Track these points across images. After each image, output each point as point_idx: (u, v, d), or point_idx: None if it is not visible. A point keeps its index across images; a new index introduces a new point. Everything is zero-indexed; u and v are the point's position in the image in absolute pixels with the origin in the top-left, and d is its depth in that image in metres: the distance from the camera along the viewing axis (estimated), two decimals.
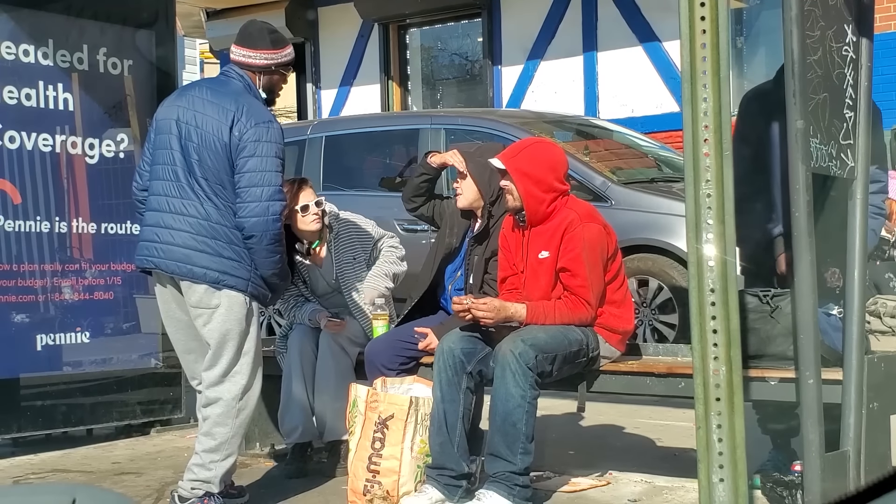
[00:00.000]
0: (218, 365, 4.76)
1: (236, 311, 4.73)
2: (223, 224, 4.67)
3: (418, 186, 5.51)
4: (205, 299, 4.70)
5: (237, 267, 4.69)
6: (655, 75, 11.89)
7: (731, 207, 2.74)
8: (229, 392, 4.77)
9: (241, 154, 4.64)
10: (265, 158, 4.64)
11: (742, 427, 2.74)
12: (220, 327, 4.72)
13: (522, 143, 5.06)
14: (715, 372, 2.74)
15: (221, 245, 4.67)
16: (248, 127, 4.65)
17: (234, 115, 4.67)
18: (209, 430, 4.79)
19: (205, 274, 4.67)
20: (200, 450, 4.79)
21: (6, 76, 6.28)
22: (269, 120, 4.72)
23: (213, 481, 4.75)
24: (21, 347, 6.34)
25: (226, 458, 4.78)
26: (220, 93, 4.80)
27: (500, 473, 4.58)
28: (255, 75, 4.87)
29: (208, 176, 4.68)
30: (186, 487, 4.78)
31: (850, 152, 4.22)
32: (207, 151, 4.68)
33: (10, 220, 6.29)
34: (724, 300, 2.73)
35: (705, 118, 2.73)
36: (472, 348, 4.80)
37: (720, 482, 2.73)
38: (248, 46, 4.88)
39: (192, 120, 4.74)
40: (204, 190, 4.68)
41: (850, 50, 4.27)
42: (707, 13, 2.73)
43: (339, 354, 5.54)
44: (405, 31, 14.08)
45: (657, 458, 5.85)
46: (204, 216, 4.67)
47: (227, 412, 4.76)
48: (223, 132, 4.67)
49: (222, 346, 4.74)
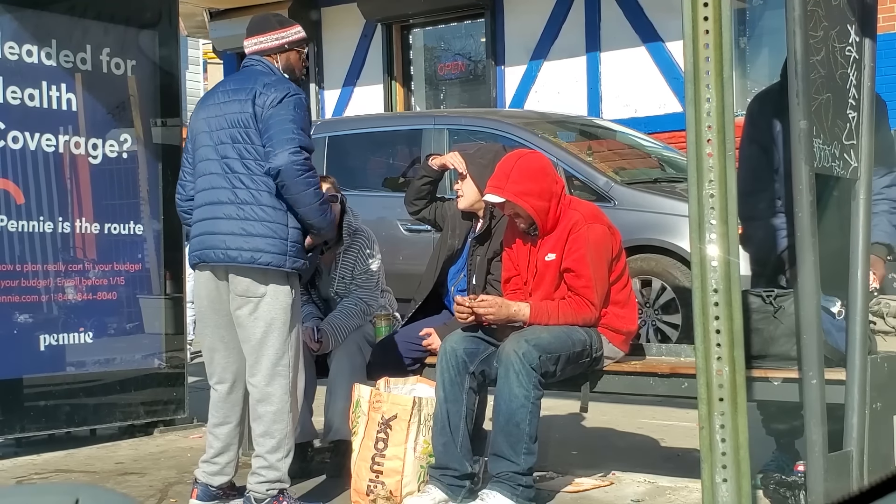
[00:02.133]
0: (264, 357, 4.72)
1: (282, 299, 4.71)
2: (252, 203, 4.67)
3: (419, 189, 5.52)
4: (251, 288, 4.69)
5: (271, 243, 4.65)
6: (658, 75, 11.89)
7: (734, 208, 2.74)
8: (281, 387, 4.74)
9: (265, 118, 4.67)
10: (283, 114, 4.65)
11: (745, 427, 2.74)
12: (267, 315, 4.69)
13: (505, 167, 4.90)
14: (718, 372, 2.74)
15: (251, 224, 4.66)
16: (268, 95, 4.69)
17: (255, 91, 4.72)
18: (267, 429, 4.74)
19: (240, 255, 4.66)
20: (263, 451, 4.74)
21: (9, 76, 6.28)
22: (289, 87, 4.75)
23: (283, 479, 4.76)
24: (24, 347, 6.33)
25: (288, 454, 4.77)
26: (241, 79, 4.89)
27: (503, 474, 4.58)
28: (272, 58, 4.92)
29: (243, 154, 4.71)
30: (261, 490, 4.74)
31: (854, 152, 4.22)
32: (236, 131, 4.72)
33: (14, 221, 6.29)
34: (727, 300, 2.73)
35: (708, 118, 2.73)
36: (475, 348, 4.80)
37: (723, 482, 2.73)
38: (257, 34, 4.94)
39: (221, 124, 4.78)
40: (236, 172, 4.70)
41: (854, 50, 4.26)
42: (710, 13, 2.73)
43: (355, 354, 5.57)
44: (408, 31, 14.08)
45: (660, 458, 5.85)
46: (233, 200, 4.69)
47: (282, 408, 4.74)
48: (247, 112, 4.71)
49: (267, 337, 4.70)
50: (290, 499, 4.79)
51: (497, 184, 4.84)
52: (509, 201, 4.80)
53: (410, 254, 8.25)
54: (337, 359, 5.59)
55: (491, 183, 4.88)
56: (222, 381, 4.93)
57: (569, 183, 7.68)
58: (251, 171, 4.69)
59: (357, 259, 5.75)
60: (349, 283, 5.75)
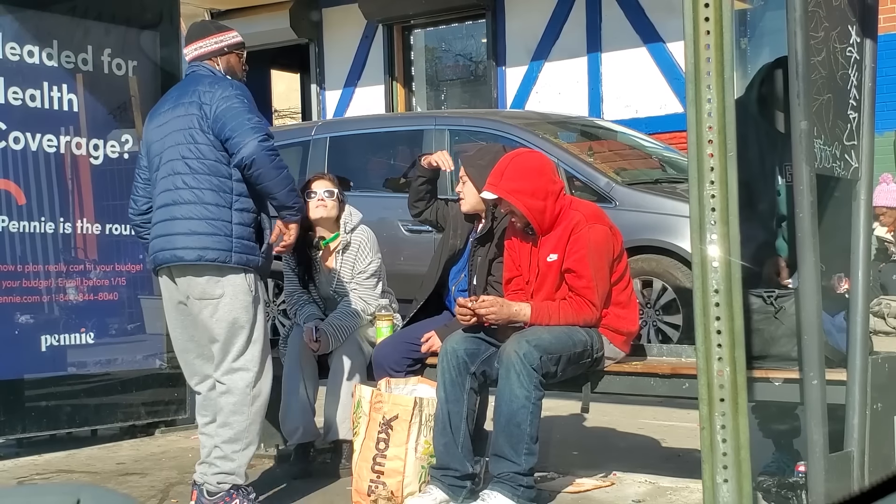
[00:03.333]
0: (229, 355, 4.76)
1: (241, 298, 4.73)
2: (195, 202, 4.69)
3: (418, 190, 5.55)
4: (208, 290, 4.71)
5: (216, 241, 4.67)
6: (659, 76, 11.90)
7: (735, 208, 2.74)
8: (242, 380, 4.77)
9: (217, 115, 4.70)
10: (232, 104, 4.69)
11: (746, 428, 2.74)
12: (228, 316, 4.72)
13: (501, 165, 4.92)
14: (719, 373, 2.74)
15: (197, 223, 4.68)
16: (214, 92, 4.73)
17: (198, 92, 4.77)
18: (226, 420, 4.78)
19: (185, 252, 4.69)
20: (220, 441, 4.78)
21: (11, 77, 6.28)
22: (232, 82, 4.81)
23: (237, 472, 4.76)
24: (25, 348, 6.34)
25: (247, 448, 4.78)
26: (184, 85, 4.96)
27: (504, 474, 4.58)
28: (213, 62, 4.96)
29: (191, 164, 4.72)
30: (213, 482, 4.77)
31: (854, 153, 4.22)
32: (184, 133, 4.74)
33: (15, 221, 6.29)
34: (728, 301, 2.73)
35: (709, 119, 2.73)
36: (476, 349, 4.81)
37: (724, 483, 2.73)
38: (196, 40, 5.00)
39: (167, 131, 4.82)
40: (185, 180, 4.72)
41: (854, 51, 4.26)
42: (711, 14, 2.73)
43: (356, 354, 5.57)
44: (409, 31, 14.08)
45: (661, 458, 5.85)
46: (179, 201, 4.72)
47: (242, 400, 4.76)
48: (192, 114, 4.74)
49: (232, 336, 4.74)
50: (246, 498, 4.79)
51: (492, 181, 4.85)
52: (503, 200, 4.81)
53: (411, 254, 8.24)
54: (337, 359, 5.59)
55: (489, 181, 4.89)
56: (202, 380, 4.96)
57: (570, 184, 7.68)
58: (193, 170, 4.72)
59: (357, 258, 5.75)
60: (348, 283, 5.76)
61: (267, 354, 4.89)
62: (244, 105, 4.70)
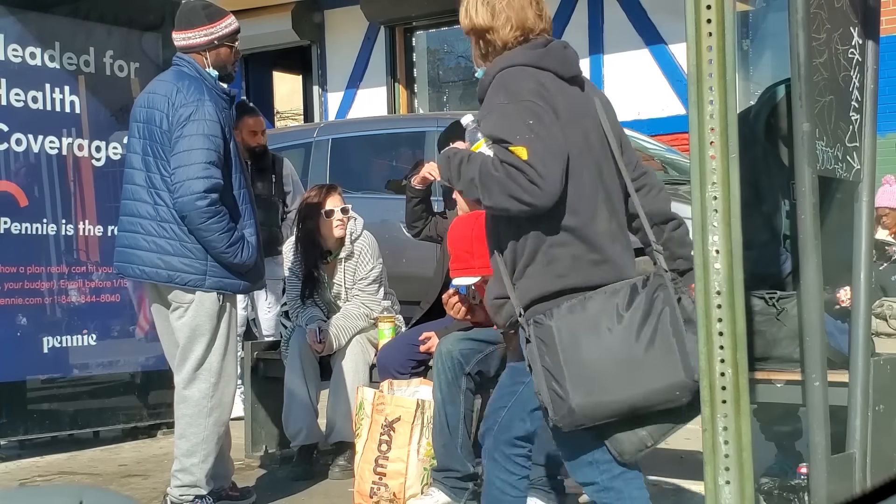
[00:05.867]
0: (188, 361, 4.71)
1: (207, 306, 4.67)
2: (170, 221, 4.62)
3: (414, 211, 5.56)
4: (178, 295, 4.68)
5: (188, 262, 4.61)
6: (661, 78, 11.88)
7: (738, 210, 2.73)
8: (199, 391, 4.71)
9: (174, 136, 4.59)
10: (191, 137, 4.55)
11: (749, 429, 2.73)
12: (191, 322, 4.67)
13: (461, 241, 4.45)
14: (721, 374, 2.73)
15: (169, 242, 4.62)
16: (179, 108, 4.59)
17: (169, 100, 4.63)
18: (182, 431, 4.74)
19: (157, 273, 4.65)
20: (178, 454, 4.74)
21: (13, 78, 6.29)
22: (199, 98, 4.60)
23: (198, 484, 4.72)
24: (27, 349, 6.34)
25: (205, 459, 4.71)
26: (165, 81, 4.77)
27: (538, 479, 4.52)
28: (201, 55, 4.78)
29: (162, 170, 4.64)
30: (175, 494, 4.75)
31: (857, 155, 4.21)
32: (157, 145, 4.66)
33: (17, 223, 6.29)
34: (730, 303, 2.72)
35: (711, 121, 2.73)
36: (471, 349, 4.79)
37: (726, 484, 2.73)
38: (184, 28, 4.80)
39: (144, 117, 4.72)
40: (157, 188, 4.64)
41: (856, 53, 4.26)
42: (713, 16, 2.72)
43: (358, 356, 5.58)
44: (411, 33, 14.08)
45: (663, 460, 5.83)
46: (153, 216, 4.64)
47: (199, 412, 4.70)
48: (163, 121, 4.63)
49: (192, 342, 4.69)
50: None
51: (463, 265, 4.32)
52: None
53: (413, 256, 8.24)
54: (340, 361, 5.60)
55: (455, 265, 4.38)
56: None
57: None
58: (170, 189, 4.62)
59: (358, 265, 5.75)
60: (350, 289, 5.76)
61: (230, 365, 4.80)
62: (199, 139, 4.54)
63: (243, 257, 4.66)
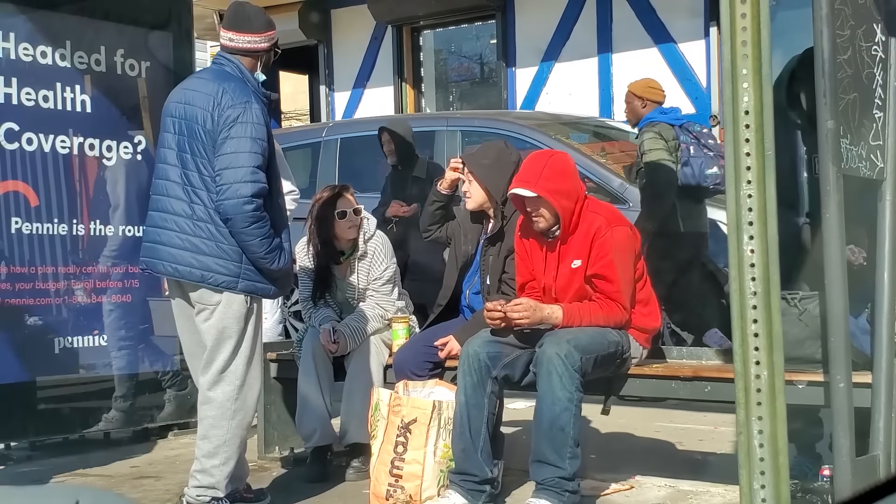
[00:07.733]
0: (214, 363, 4.69)
1: (235, 308, 4.66)
2: (207, 221, 4.60)
3: (433, 215, 5.50)
4: (205, 296, 4.66)
5: (222, 264, 4.60)
6: (671, 77, 11.83)
7: (774, 208, 2.68)
8: (224, 393, 4.70)
9: (220, 136, 4.56)
10: (240, 140, 4.53)
11: (784, 433, 2.69)
12: (218, 324, 4.66)
13: (536, 164, 4.79)
14: (756, 377, 2.69)
15: (204, 242, 4.60)
16: (226, 108, 4.56)
17: (214, 99, 4.60)
18: (205, 432, 4.72)
19: (189, 272, 4.62)
20: (200, 455, 4.72)
21: (24, 77, 6.24)
22: (247, 100, 4.59)
23: (217, 486, 4.70)
24: (38, 350, 6.30)
25: (226, 462, 4.70)
26: (206, 80, 4.74)
27: (548, 480, 4.47)
28: (254, 59, 4.77)
29: (201, 169, 4.62)
30: (192, 494, 4.73)
31: (880, 153, 4.17)
32: (197, 143, 4.62)
33: (27, 223, 6.25)
34: (766, 303, 2.68)
35: (746, 117, 2.68)
36: (498, 352, 4.73)
37: (761, 489, 2.68)
38: (248, 31, 4.75)
39: (182, 113, 4.68)
40: (194, 186, 4.61)
41: (880, 49, 4.22)
42: (748, 10, 2.68)
43: (372, 357, 5.54)
44: (418, 33, 14.04)
45: (680, 462, 5.80)
46: (189, 214, 4.62)
47: (222, 414, 4.69)
48: (207, 120, 4.60)
49: (219, 344, 4.68)
50: None
51: (528, 178, 4.73)
52: (540, 197, 4.70)
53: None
54: (354, 362, 5.56)
55: (521, 178, 4.77)
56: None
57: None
58: (209, 189, 4.59)
59: (372, 265, 5.71)
60: (364, 290, 5.72)
61: (257, 368, 4.80)
62: (247, 141, 4.53)
63: (279, 264, 4.66)
